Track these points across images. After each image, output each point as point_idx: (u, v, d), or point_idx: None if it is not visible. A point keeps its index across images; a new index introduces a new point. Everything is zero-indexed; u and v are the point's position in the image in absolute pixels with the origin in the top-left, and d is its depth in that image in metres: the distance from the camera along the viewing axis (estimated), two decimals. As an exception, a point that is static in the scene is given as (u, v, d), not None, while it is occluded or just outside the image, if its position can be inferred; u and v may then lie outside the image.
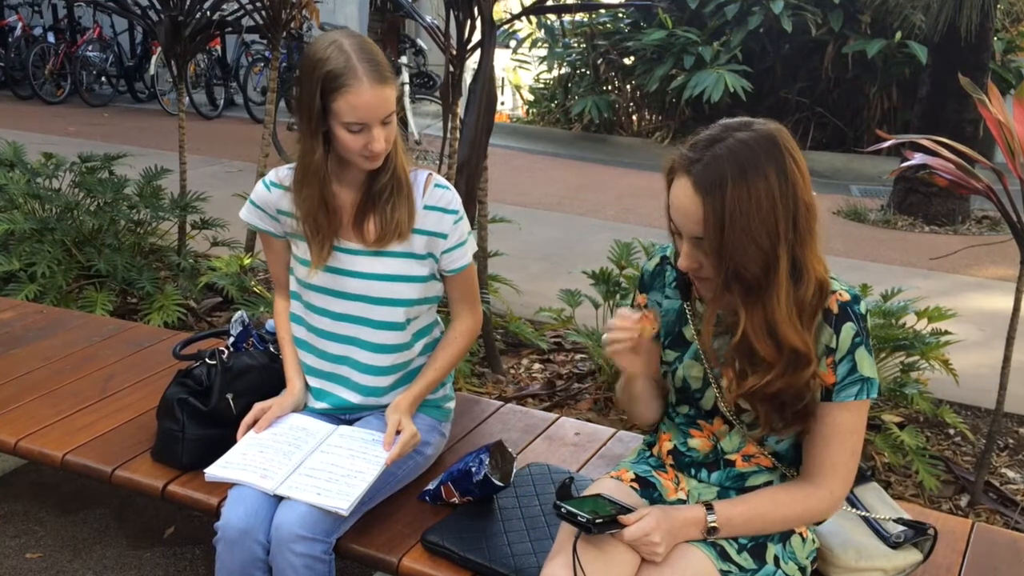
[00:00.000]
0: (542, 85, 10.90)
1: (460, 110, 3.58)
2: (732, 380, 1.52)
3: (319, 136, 1.84)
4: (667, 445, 1.71)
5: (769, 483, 1.62)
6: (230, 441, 1.96)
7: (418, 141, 8.01)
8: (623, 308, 1.60)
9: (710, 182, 1.38)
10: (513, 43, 10.84)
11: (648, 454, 1.77)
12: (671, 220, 1.48)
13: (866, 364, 1.50)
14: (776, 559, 1.57)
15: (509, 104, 11.35)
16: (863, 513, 1.71)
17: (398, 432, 1.93)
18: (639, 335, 1.54)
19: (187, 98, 6.96)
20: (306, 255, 2.00)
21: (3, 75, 11.22)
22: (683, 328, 1.63)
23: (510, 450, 1.97)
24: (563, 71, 10.41)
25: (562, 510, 1.49)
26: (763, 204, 1.37)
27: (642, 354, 1.59)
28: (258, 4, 4.28)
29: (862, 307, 1.50)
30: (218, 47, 10.57)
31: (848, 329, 1.48)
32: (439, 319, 2.17)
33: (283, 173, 2.02)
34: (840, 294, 1.49)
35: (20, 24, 11.26)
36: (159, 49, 9.57)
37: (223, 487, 1.89)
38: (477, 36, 3.34)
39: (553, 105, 10.50)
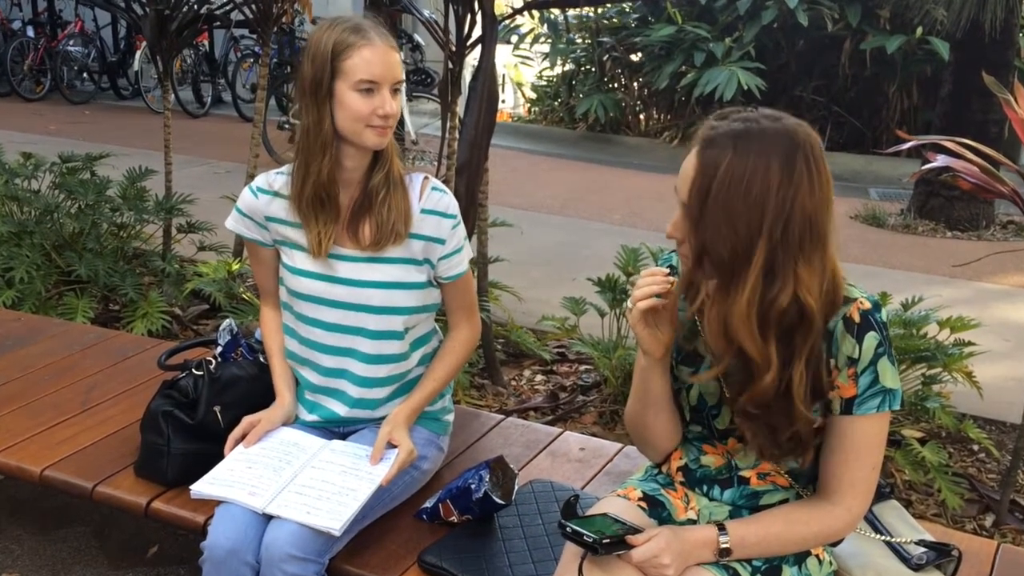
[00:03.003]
0: (545, 83, 10.91)
1: (459, 109, 3.59)
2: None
3: (326, 108, 1.86)
4: (678, 463, 1.71)
5: (784, 502, 1.62)
6: (217, 456, 1.96)
7: (415, 141, 8.02)
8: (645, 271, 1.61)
9: (713, 146, 1.41)
10: (515, 39, 10.86)
11: (656, 471, 1.76)
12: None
13: (889, 375, 1.50)
14: (792, 582, 1.56)
15: (510, 102, 11.37)
16: (885, 538, 1.70)
17: (392, 446, 1.94)
18: (669, 292, 1.53)
19: (173, 95, 6.97)
20: (297, 263, 2.00)
21: (-20, 71, 11.26)
22: (695, 343, 1.63)
23: (511, 466, 1.97)
24: (567, 68, 10.42)
25: (567, 529, 1.49)
26: (753, 189, 1.38)
27: (666, 324, 1.57)
28: (248, -3, 4.29)
29: (884, 315, 1.50)
30: (205, 42, 10.60)
31: (871, 339, 1.48)
32: (437, 328, 2.17)
33: (271, 177, 2.02)
34: (861, 302, 1.49)
35: (-2, 17, 11.32)
36: (144, 44, 9.61)
37: (210, 504, 1.89)
38: (477, 31, 3.35)
39: (556, 104, 10.51)
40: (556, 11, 9.77)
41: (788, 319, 1.43)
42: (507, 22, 3.76)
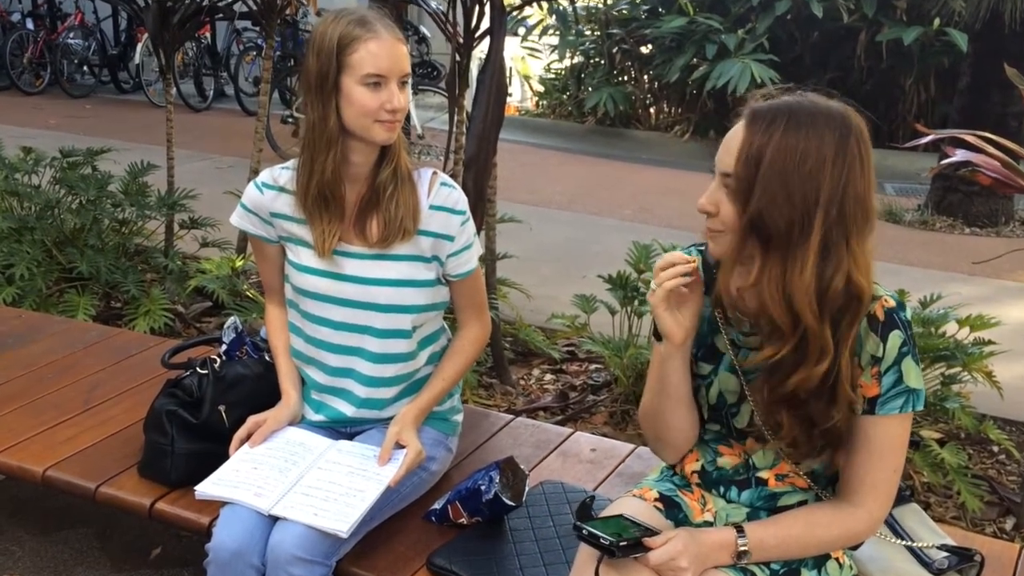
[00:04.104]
0: (553, 75, 10.91)
1: (467, 103, 3.58)
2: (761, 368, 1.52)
3: (332, 103, 1.85)
4: (693, 465, 1.70)
5: (803, 504, 1.62)
6: (222, 456, 1.96)
7: (421, 135, 8.02)
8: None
9: (763, 118, 1.43)
10: (522, 30, 10.85)
11: (672, 472, 1.76)
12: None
13: (913, 374, 1.50)
14: (811, 586, 1.56)
15: (517, 96, 11.35)
16: (905, 542, 1.69)
17: (400, 446, 1.94)
18: (693, 272, 1.53)
19: (174, 89, 6.98)
20: (303, 260, 2.00)
21: (-22, 64, 11.28)
22: (715, 339, 1.63)
23: (522, 467, 1.97)
24: (576, 60, 10.41)
25: (583, 531, 1.48)
26: (808, 161, 1.39)
27: (688, 308, 1.57)
28: (251, -12, 4.29)
29: (908, 314, 1.50)
30: (208, 35, 10.61)
31: (895, 337, 1.48)
32: (446, 326, 2.17)
33: (277, 172, 2.02)
34: (885, 300, 1.49)
35: (-3, 10, 11.33)
36: (145, 36, 9.62)
37: (215, 505, 1.89)
38: (486, 23, 3.35)
39: (565, 97, 10.51)
40: (565, 2, 9.76)
41: (839, 302, 1.44)
42: (515, 13, 3.76)
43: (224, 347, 2.21)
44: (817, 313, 1.42)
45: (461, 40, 3.45)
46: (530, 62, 11.25)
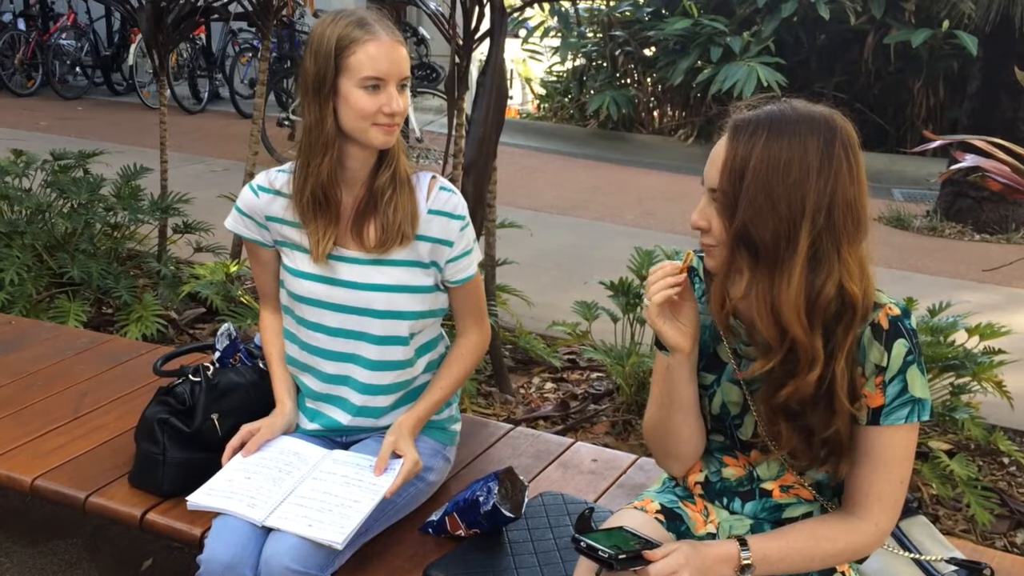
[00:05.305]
0: (555, 78, 10.93)
1: (467, 106, 3.59)
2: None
3: (329, 106, 1.86)
4: (696, 476, 1.70)
5: (808, 516, 1.62)
6: (215, 466, 1.96)
7: (419, 139, 8.02)
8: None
9: (744, 129, 1.43)
10: (523, 32, 10.87)
11: (674, 483, 1.76)
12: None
13: (918, 384, 1.50)
14: (815, 600, 1.56)
15: (518, 99, 11.37)
16: (913, 555, 1.69)
17: (397, 456, 1.93)
18: (683, 276, 1.54)
19: (168, 91, 6.97)
20: (298, 265, 2.00)
21: (-31, 65, 11.30)
22: (718, 348, 1.63)
23: (521, 478, 1.97)
24: (578, 63, 10.43)
25: (582, 544, 1.48)
26: (792, 170, 1.39)
27: (686, 315, 1.57)
28: (247, -11, 4.30)
29: (913, 322, 1.50)
30: (203, 35, 10.63)
31: (900, 346, 1.48)
32: (444, 334, 2.17)
33: (273, 175, 2.03)
34: (890, 308, 1.49)
35: (-12, 10, 11.35)
36: (139, 38, 9.63)
37: (207, 516, 1.89)
38: (486, 24, 3.35)
39: (567, 100, 10.53)
40: (567, 3, 9.79)
41: (831, 310, 1.44)
42: (516, 15, 3.77)
43: (217, 354, 2.21)
44: (806, 325, 1.43)
45: (461, 42, 3.46)
46: (531, 64, 11.27)
